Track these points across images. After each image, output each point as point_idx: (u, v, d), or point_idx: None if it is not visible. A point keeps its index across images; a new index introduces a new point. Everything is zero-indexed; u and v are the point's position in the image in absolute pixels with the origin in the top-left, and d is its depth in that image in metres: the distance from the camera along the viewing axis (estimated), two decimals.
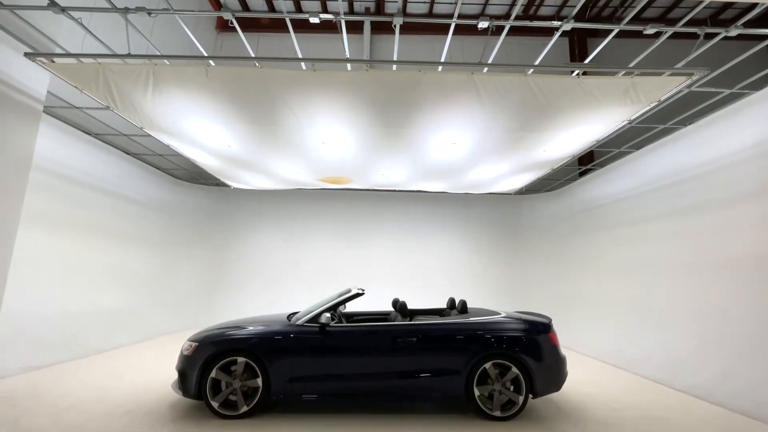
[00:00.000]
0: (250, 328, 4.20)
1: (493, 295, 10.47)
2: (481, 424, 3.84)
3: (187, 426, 3.70)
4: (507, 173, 7.52)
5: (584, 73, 4.66)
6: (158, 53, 4.89)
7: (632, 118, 5.30)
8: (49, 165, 6.39)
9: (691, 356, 5.38)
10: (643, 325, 6.52)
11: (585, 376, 5.88)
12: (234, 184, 9.58)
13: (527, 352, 4.01)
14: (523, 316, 4.47)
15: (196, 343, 4.01)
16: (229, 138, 6.00)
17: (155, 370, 5.68)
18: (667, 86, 4.56)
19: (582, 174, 9.73)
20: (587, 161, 9.41)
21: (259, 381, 3.87)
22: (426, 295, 8.76)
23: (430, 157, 6.54)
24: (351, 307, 5.74)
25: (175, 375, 4.12)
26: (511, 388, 3.99)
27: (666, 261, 6.31)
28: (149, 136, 6.72)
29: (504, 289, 10.88)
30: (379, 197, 11.45)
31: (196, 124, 5.63)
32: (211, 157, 7.01)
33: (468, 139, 5.81)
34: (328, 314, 4.15)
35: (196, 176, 10.50)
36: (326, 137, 5.79)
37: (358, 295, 4.53)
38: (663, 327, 6.09)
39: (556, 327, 4.41)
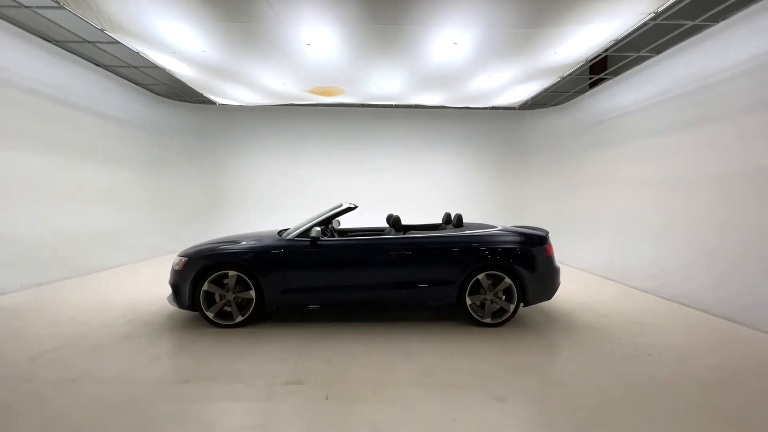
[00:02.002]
0: (242, 243, 4.13)
1: (493, 212, 10.46)
2: (472, 330, 3.95)
3: (186, 334, 3.80)
4: (512, 81, 6.92)
5: None
6: None
7: (659, 9, 4.63)
8: (7, 75, 5.83)
9: (681, 267, 5.44)
10: (638, 239, 6.54)
11: (576, 287, 6.03)
12: (219, 100, 8.97)
13: (521, 263, 3.98)
14: (518, 230, 4.37)
15: (186, 258, 3.97)
16: (201, 40, 5.35)
17: (154, 286, 5.80)
18: None
19: (592, 85, 9.03)
20: (599, 69, 8.64)
21: (252, 293, 3.90)
22: (425, 213, 8.68)
23: (429, 61, 5.92)
24: (346, 224, 5.66)
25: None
26: (503, 297, 4.03)
27: (666, 175, 6.11)
28: (117, 43, 6.06)
29: (504, 206, 10.84)
30: (375, 114, 10.82)
31: (162, 22, 4.95)
32: (187, 66, 6.38)
33: (471, 38, 5.17)
34: (318, 228, 4.05)
35: (178, 93, 9.78)
36: (311, 37, 5.14)
37: (349, 209, 4.38)
38: (657, 240, 6.10)
39: (553, 242, 4.34)
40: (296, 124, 10.79)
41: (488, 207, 10.72)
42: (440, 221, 5.40)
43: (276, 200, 10.61)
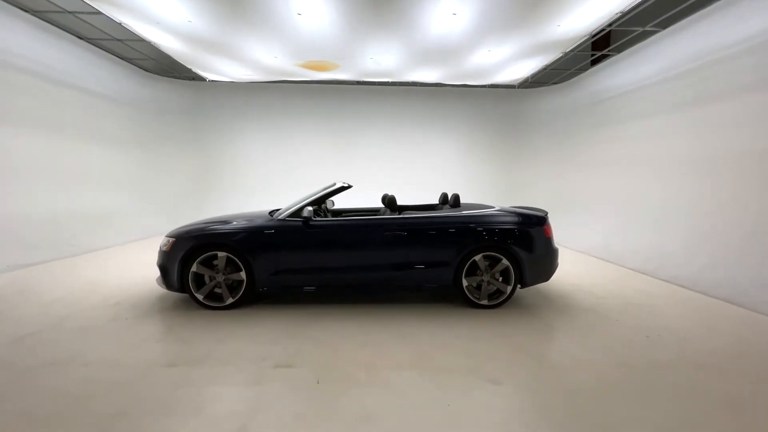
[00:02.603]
0: (232, 223, 4.00)
1: (491, 192, 10.34)
2: (468, 312, 3.89)
3: (175, 316, 3.71)
4: (513, 57, 6.67)
5: None
6: None
7: None
8: None
9: (680, 250, 5.38)
10: (638, 221, 6.46)
11: (574, 268, 5.98)
12: (209, 76, 8.65)
13: (519, 244, 3.88)
14: (517, 210, 4.26)
15: (173, 239, 3.85)
16: (186, 9, 5.05)
17: (144, 267, 5.69)
18: None
19: (594, 63, 8.76)
20: (602, 46, 8.36)
21: (243, 275, 3.79)
22: (422, 194, 8.56)
23: (427, 33, 5.65)
24: (340, 204, 5.53)
25: None
26: (500, 278, 3.96)
27: (669, 156, 5.97)
28: (99, 13, 5.76)
29: (502, 187, 10.72)
30: (371, 92, 10.52)
31: None
32: (173, 37, 6.08)
33: (471, 9, 4.92)
34: (310, 208, 3.92)
35: (167, 68, 9.41)
36: (302, 6, 4.87)
37: (343, 188, 4.24)
38: (657, 222, 6.02)
39: (552, 223, 4.24)
40: (289, 102, 10.49)
41: (486, 187, 10.60)
42: (437, 201, 5.28)
43: (268, 180, 10.42)
